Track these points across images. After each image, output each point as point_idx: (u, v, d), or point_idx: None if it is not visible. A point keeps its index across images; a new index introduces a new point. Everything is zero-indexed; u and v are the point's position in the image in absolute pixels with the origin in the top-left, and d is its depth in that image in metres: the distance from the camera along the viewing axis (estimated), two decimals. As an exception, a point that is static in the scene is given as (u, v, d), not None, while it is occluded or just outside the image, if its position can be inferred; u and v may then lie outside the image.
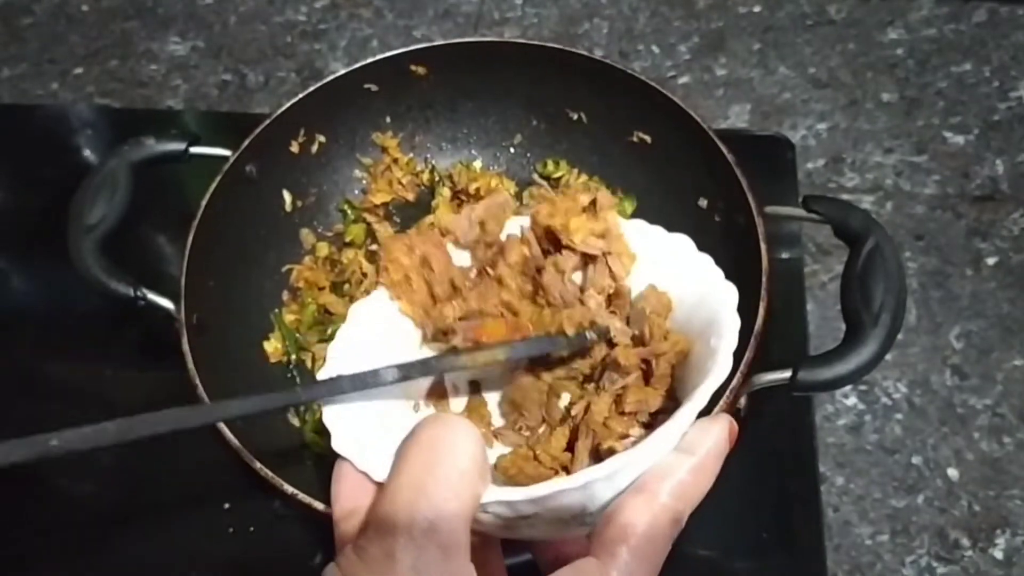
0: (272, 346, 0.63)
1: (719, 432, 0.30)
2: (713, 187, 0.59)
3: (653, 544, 0.28)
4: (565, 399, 0.41)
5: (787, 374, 0.50)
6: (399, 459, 0.28)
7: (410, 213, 0.69)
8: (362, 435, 0.32)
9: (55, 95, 0.91)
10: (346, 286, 0.66)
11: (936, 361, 0.72)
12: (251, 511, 0.61)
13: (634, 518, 0.28)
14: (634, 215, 0.58)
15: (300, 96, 0.63)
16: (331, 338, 0.63)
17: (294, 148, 0.65)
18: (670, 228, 0.39)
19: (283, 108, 0.62)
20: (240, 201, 0.61)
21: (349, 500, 0.30)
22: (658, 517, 0.28)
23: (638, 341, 0.38)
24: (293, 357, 0.63)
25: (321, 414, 0.62)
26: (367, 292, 0.65)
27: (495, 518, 0.29)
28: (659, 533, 0.28)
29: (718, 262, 0.37)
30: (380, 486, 0.30)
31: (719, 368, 0.31)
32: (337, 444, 0.31)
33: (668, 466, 0.29)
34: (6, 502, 0.64)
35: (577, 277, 0.40)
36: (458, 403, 0.42)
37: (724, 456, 0.30)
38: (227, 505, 0.62)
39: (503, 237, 0.41)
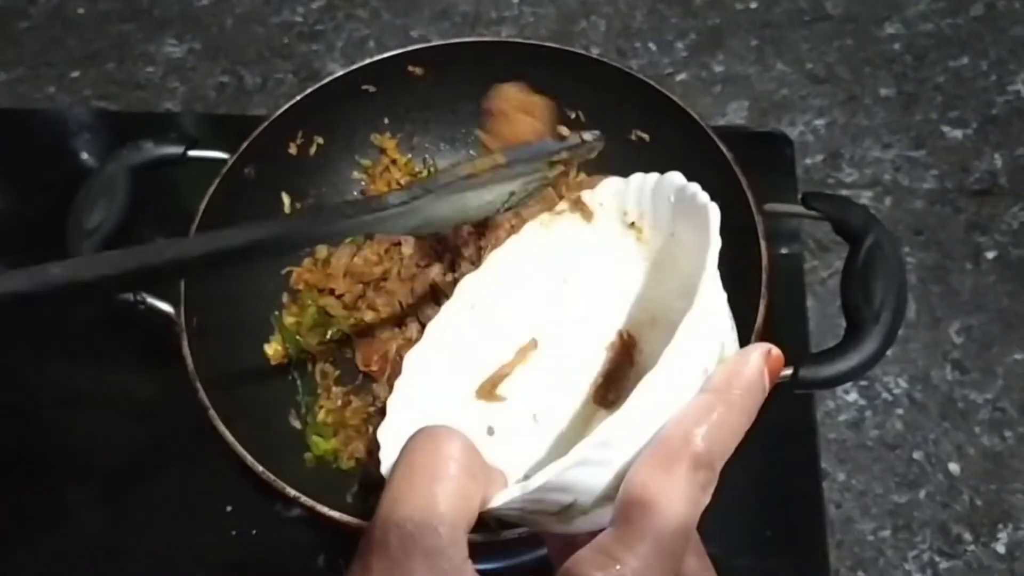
0: (273, 348, 0.62)
1: (751, 364, 0.26)
2: (712, 185, 0.58)
3: (680, 501, 0.23)
4: None
5: (788, 371, 0.50)
6: (388, 478, 0.27)
7: (409, 213, 0.70)
8: None
9: (52, 98, 0.91)
10: (346, 287, 0.66)
11: (936, 356, 0.72)
12: (253, 513, 0.61)
13: (652, 475, 0.24)
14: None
15: (298, 98, 0.63)
16: (332, 340, 0.63)
17: (292, 150, 0.65)
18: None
19: (281, 110, 0.62)
20: (239, 203, 0.61)
21: None
22: (681, 470, 0.24)
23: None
24: (294, 359, 0.63)
25: (320, 416, 0.62)
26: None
27: (519, 512, 0.27)
28: (685, 488, 0.24)
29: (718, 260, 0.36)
30: None
31: (700, 299, 0.26)
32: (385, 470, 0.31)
33: (689, 410, 0.25)
34: (9, 503, 0.64)
35: None
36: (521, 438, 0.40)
37: (761, 392, 0.26)
38: (229, 508, 0.62)
39: None
